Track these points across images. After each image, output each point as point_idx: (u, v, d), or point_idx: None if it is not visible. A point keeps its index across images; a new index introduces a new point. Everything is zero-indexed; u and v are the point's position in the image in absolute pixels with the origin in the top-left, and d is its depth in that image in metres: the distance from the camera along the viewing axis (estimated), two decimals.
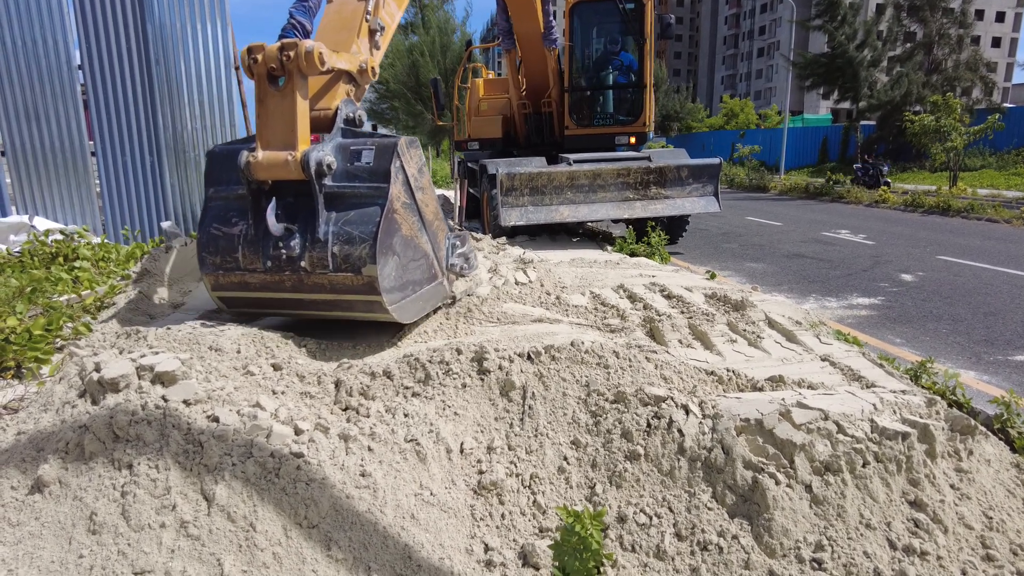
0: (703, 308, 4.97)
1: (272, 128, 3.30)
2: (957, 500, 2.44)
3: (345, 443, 2.30)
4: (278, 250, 3.33)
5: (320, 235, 3.29)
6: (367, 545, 2.09)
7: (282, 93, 3.27)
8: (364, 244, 3.22)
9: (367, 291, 3.32)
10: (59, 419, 2.46)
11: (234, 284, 3.57)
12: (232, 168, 3.42)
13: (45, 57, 6.40)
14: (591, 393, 2.75)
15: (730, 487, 2.33)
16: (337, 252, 3.27)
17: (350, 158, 3.37)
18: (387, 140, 3.41)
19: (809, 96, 54.83)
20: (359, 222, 3.27)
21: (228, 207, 3.52)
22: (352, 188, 3.33)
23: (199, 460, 2.17)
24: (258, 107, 3.33)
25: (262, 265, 3.40)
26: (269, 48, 3.23)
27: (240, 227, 3.44)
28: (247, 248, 3.42)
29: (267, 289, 3.53)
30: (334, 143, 3.43)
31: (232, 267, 3.49)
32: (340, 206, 3.34)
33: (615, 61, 9.45)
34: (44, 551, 2.07)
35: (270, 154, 3.25)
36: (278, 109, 3.28)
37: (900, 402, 2.76)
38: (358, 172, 3.34)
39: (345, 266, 3.28)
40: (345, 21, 4.04)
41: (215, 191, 3.57)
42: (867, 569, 2.12)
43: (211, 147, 3.62)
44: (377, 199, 3.29)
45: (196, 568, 1.98)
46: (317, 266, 3.32)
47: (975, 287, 7.13)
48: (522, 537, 2.31)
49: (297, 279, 3.40)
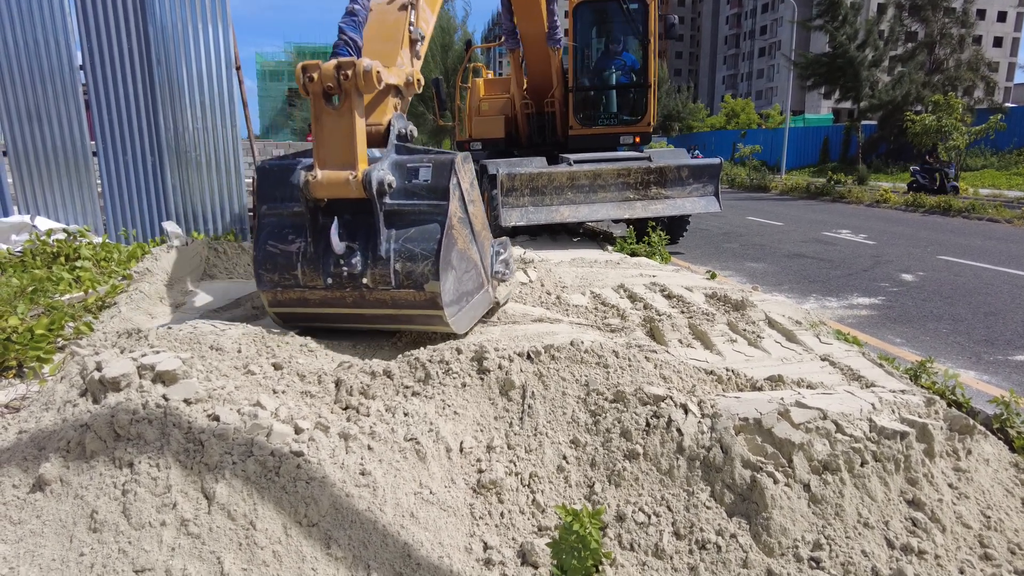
0: (703, 308, 4.97)
1: (330, 147, 3.30)
2: (955, 499, 2.45)
3: (345, 442, 2.31)
4: (339, 267, 3.36)
5: (381, 252, 3.33)
6: (367, 543, 2.10)
7: (339, 112, 3.28)
8: (426, 261, 3.28)
9: (429, 306, 3.37)
10: (60, 418, 2.47)
11: (293, 301, 3.58)
12: (283, 184, 3.48)
13: (47, 57, 6.42)
14: (590, 392, 2.75)
15: (728, 486, 2.34)
16: (399, 269, 3.32)
17: (407, 175, 3.40)
18: (444, 157, 3.44)
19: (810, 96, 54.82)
20: (420, 239, 3.32)
21: (283, 224, 3.53)
22: (412, 206, 3.37)
23: (200, 459, 2.18)
24: (314, 125, 3.33)
25: (322, 282, 3.41)
26: (325, 67, 3.21)
27: (298, 244, 3.45)
28: (306, 265, 3.43)
29: (327, 305, 3.54)
30: (390, 160, 3.43)
31: (291, 284, 3.50)
32: (399, 223, 3.38)
33: (618, 61, 9.47)
34: (45, 549, 2.08)
35: (330, 173, 3.26)
36: (335, 128, 3.28)
37: (899, 402, 2.76)
38: (416, 189, 3.38)
39: (408, 283, 3.33)
40: (388, 32, 4.03)
41: (268, 208, 3.58)
42: (865, 568, 2.13)
43: (259, 162, 3.61)
44: (436, 216, 3.34)
45: (196, 566, 1.99)
46: (379, 283, 3.36)
47: (976, 287, 7.13)
48: (521, 536, 2.32)
49: (358, 295, 3.43)
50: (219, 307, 4.62)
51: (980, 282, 7.39)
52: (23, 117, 6.48)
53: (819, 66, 24.52)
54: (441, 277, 3.28)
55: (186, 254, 5.33)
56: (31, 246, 5.52)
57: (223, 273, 5.63)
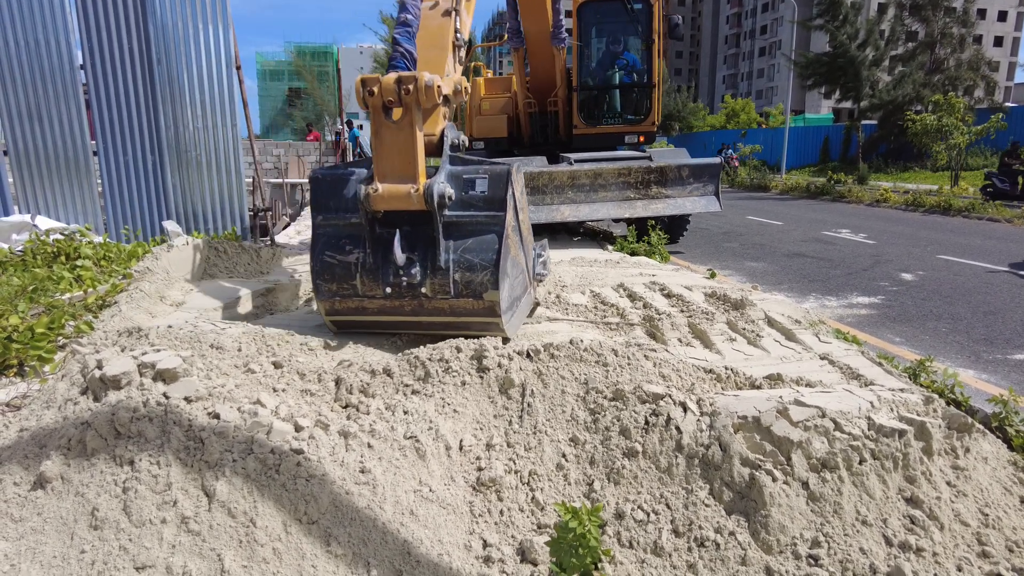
0: (703, 307, 4.98)
1: (390, 160, 3.36)
2: (953, 497, 2.45)
3: (345, 440, 2.32)
4: (398, 277, 3.42)
5: (441, 263, 3.40)
6: (366, 541, 2.11)
7: (399, 126, 3.31)
8: (485, 271, 3.38)
9: (487, 314, 3.48)
10: (61, 416, 2.48)
11: (350, 309, 3.65)
12: (337, 195, 3.53)
13: (47, 57, 6.44)
14: (590, 391, 2.76)
15: (727, 484, 2.35)
16: (458, 279, 3.41)
17: (464, 187, 3.46)
18: (499, 168, 3.49)
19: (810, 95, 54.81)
20: (478, 250, 3.42)
21: (339, 234, 3.57)
22: (470, 217, 3.44)
23: (200, 456, 2.19)
24: (373, 138, 3.38)
25: (381, 292, 3.49)
26: (385, 81, 3.24)
27: (356, 255, 3.51)
28: (365, 276, 3.49)
29: (384, 314, 3.62)
30: (446, 171, 3.48)
31: (349, 294, 3.56)
32: (456, 234, 3.45)
33: (622, 60, 9.48)
34: (46, 546, 2.08)
35: (391, 187, 3.31)
36: (395, 141, 3.34)
37: (897, 400, 2.77)
38: (473, 201, 3.44)
39: (466, 292, 3.42)
40: (434, 39, 4.04)
41: (324, 219, 3.60)
42: (863, 565, 2.14)
43: (312, 172, 3.67)
44: (493, 227, 3.42)
45: (197, 563, 2.00)
46: (438, 292, 3.45)
47: (975, 286, 7.13)
48: (520, 533, 2.33)
49: (417, 304, 3.52)
50: (218, 307, 4.63)
51: (980, 281, 7.39)
52: (23, 116, 6.50)
53: (819, 66, 24.50)
54: (499, 286, 3.36)
55: (186, 253, 5.34)
56: (32, 245, 5.53)
57: (223, 272, 5.63)
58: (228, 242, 5.88)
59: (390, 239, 3.40)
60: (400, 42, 3.61)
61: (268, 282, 5.25)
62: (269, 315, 4.67)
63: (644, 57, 9.38)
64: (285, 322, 4.31)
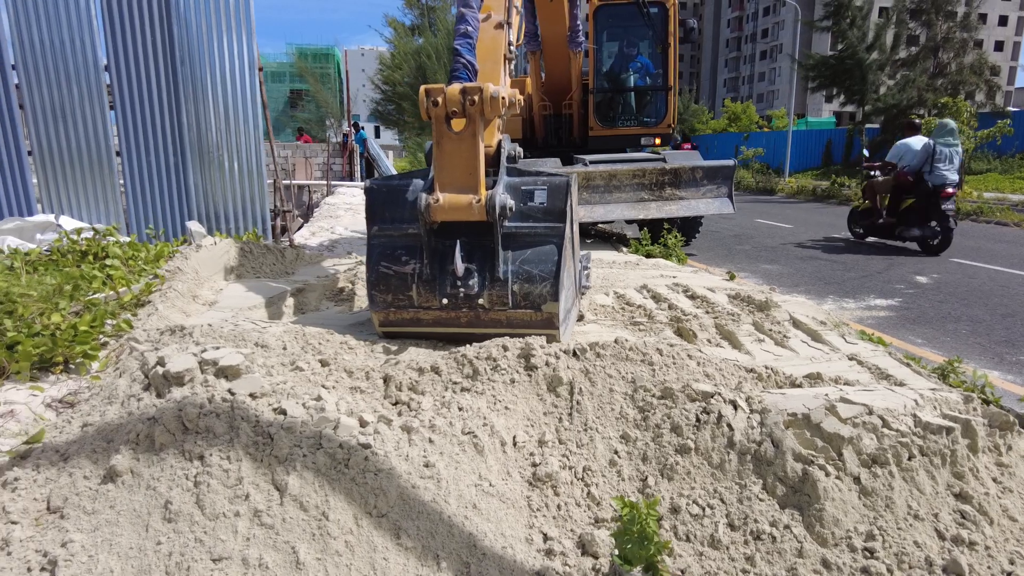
0: (728, 308, 5.03)
1: (451, 171, 3.36)
2: (1000, 493, 2.50)
3: (408, 435, 2.37)
4: (456, 288, 3.43)
5: (499, 274, 3.40)
6: (434, 534, 2.16)
7: (460, 137, 3.32)
8: (545, 283, 3.38)
9: (546, 326, 3.47)
10: (126, 412, 2.53)
11: (405, 320, 3.63)
12: (392, 205, 3.55)
13: (72, 57, 6.49)
14: (638, 389, 2.81)
15: (780, 479, 2.40)
16: (517, 290, 3.41)
17: (523, 198, 3.47)
18: (558, 180, 3.51)
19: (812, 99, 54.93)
20: (537, 261, 3.42)
21: (394, 245, 3.57)
22: (529, 228, 3.45)
23: (269, 451, 2.24)
24: (435, 149, 3.38)
25: (438, 303, 3.48)
26: (450, 92, 3.25)
27: (412, 266, 3.50)
28: (422, 287, 3.49)
29: (440, 325, 3.61)
30: (504, 183, 3.48)
31: (405, 305, 3.55)
32: (515, 245, 3.46)
33: (637, 64, 9.56)
34: (122, 538, 2.13)
35: (452, 198, 3.33)
36: (457, 152, 3.34)
37: (939, 398, 2.82)
38: (531, 212, 3.46)
39: (525, 303, 3.42)
40: (488, 51, 4.04)
41: (379, 229, 3.61)
42: (919, 558, 2.19)
43: (368, 182, 3.70)
44: (552, 238, 3.43)
45: (272, 556, 2.04)
46: (496, 303, 3.44)
47: (991, 289, 7.20)
48: (579, 527, 2.38)
49: (474, 315, 3.51)
50: (252, 306, 4.68)
51: (995, 284, 7.45)
52: (48, 117, 6.55)
53: (825, 68, 24.59)
54: (558, 297, 3.38)
55: (215, 253, 5.39)
56: (60, 245, 5.58)
57: (250, 273, 5.69)
58: (254, 243, 5.93)
59: (447, 250, 3.43)
60: (462, 53, 3.61)
61: (297, 282, 5.31)
62: (301, 314, 4.72)
63: (660, 60, 9.45)
64: (319, 321, 4.36)
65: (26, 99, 6.45)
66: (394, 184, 3.60)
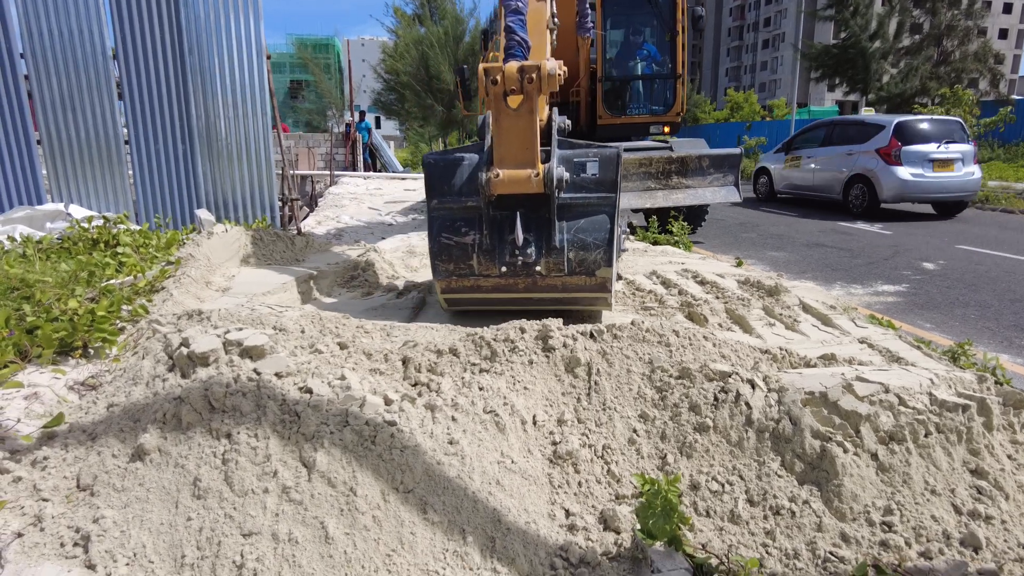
0: (737, 293, 5.06)
1: (509, 146, 3.49)
2: (1015, 469, 2.54)
3: (432, 413, 2.40)
4: (514, 257, 3.61)
5: (556, 243, 3.59)
6: (459, 509, 2.19)
7: (518, 113, 3.43)
8: (599, 250, 3.58)
9: (599, 290, 3.70)
10: (151, 392, 2.56)
11: (466, 288, 3.83)
12: (452, 180, 3.69)
13: (80, 46, 6.49)
14: (655, 370, 2.84)
15: (799, 456, 2.43)
16: (573, 257, 3.60)
17: (575, 170, 3.60)
18: (609, 152, 3.63)
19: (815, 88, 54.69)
20: (591, 230, 3.60)
21: (454, 217, 3.72)
22: (582, 198, 3.61)
23: (297, 429, 2.27)
24: (493, 126, 3.51)
25: (497, 271, 3.68)
26: (508, 70, 3.34)
27: (472, 236, 3.67)
28: (482, 256, 3.67)
29: (499, 291, 3.82)
30: (557, 156, 3.59)
31: (466, 273, 3.74)
32: (569, 215, 3.63)
33: (644, 51, 9.53)
34: (152, 514, 2.17)
35: (512, 173, 3.46)
36: (514, 128, 3.46)
37: (953, 377, 2.85)
38: (584, 183, 3.60)
39: (580, 269, 3.62)
40: (533, 24, 4.07)
41: (439, 202, 3.73)
42: (936, 532, 2.22)
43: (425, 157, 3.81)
44: (604, 207, 3.61)
45: (301, 531, 2.08)
46: (553, 270, 3.64)
47: (998, 275, 7.21)
48: (600, 503, 2.41)
49: (531, 282, 3.71)
50: (265, 292, 4.71)
51: (1002, 270, 7.47)
52: (57, 106, 6.56)
53: (828, 57, 24.48)
54: (612, 263, 3.59)
55: (226, 240, 5.42)
56: (71, 232, 5.61)
57: (261, 260, 5.71)
58: (264, 230, 5.95)
59: (504, 221, 3.61)
60: (515, 31, 3.67)
61: (308, 269, 5.33)
62: (314, 300, 4.75)
63: (669, 48, 9.41)
64: (333, 306, 4.39)
65: (35, 88, 6.45)
66: (451, 159, 3.71)
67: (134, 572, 1.98)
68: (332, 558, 2.00)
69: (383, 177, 16.42)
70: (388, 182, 15.04)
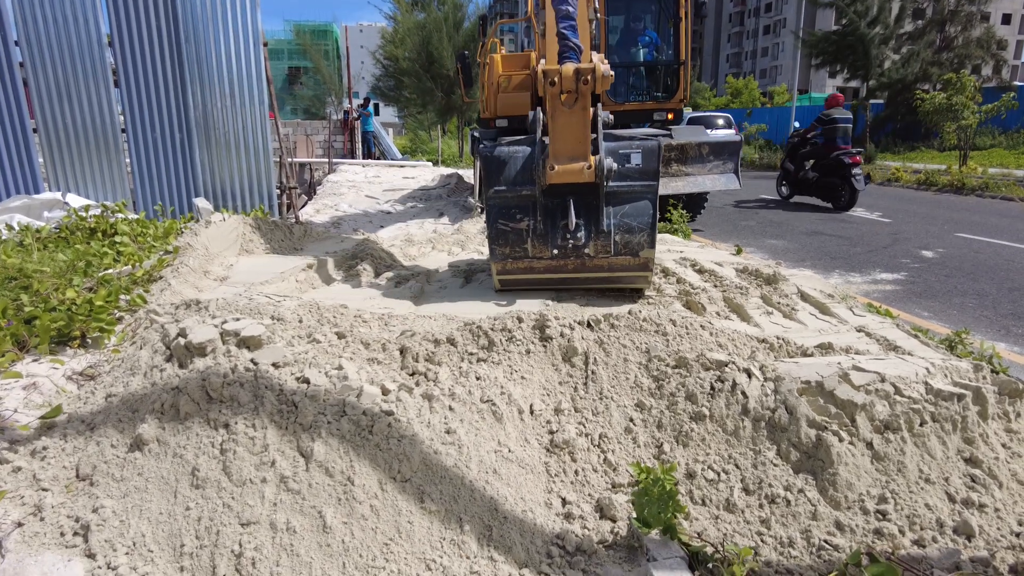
0: (736, 282, 5.05)
1: (564, 141, 3.81)
2: (1009, 458, 2.55)
3: (429, 403, 2.41)
4: (565, 240, 3.93)
5: (604, 227, 3.90)
6: (456, 498, 2.21)
7: (572, 111, 3.76)
8: (643, 233, 3.91)
9: (641, 269, 4.08)
10: (149, 382, 2.57)
11: (520, 269, 4.15)
12: (507, 171, 4.00)
13: (75, 33, 6.44)
14: (652, 359, 2.85)
15: (794, 445, 2.44)
16: (619, 240, 3.93)
17: (620, 160, 3.88)
18: (651, 143, 3.92)
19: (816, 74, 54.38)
20: (635, 215, 3.93)
21: (509, 205, 4.03)
22: (627, 187, 3.91)
23: (294, 419, 2.28)
24: (550, 122, 3.84)
25: (550, 253, 4.00)
26: (565, 72, 3.68)
27: (526, 222, 3.99)
28: (536, 240, 3.99)
29: (550, 272, 4.14)
30: (604, 148, 3.87)
31: (520, 256, 4.07)
32: (615, 202, 3.94)
33: (646, 38, 9.44)
34: (151, 504, 2.18)
35: (567, 166, 3.78)
36: (569, 124, 3.79)
37: (949, 367, 2.86)
38: (628, 172, 3.89)
39: (625, 251, 3.96)
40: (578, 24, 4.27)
41: (495, 192, 4.01)
42: (930, 520, 2.24)
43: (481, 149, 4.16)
44: (647, 194, 3.92)
45: (299, 520, 2.09)
46: (600, 252, 3.97)
47: (997, 264, 7.21)
48: (596, 492, 2.43)
49: (579, 263, 4.04)
50: (263, 281, 4.70)
51: (1001, 259, 7.47)
52: (53, 94, 6.52)
53: (828, 44, 24.30)
54: (654, 245, 3.93)
55: (225, 229, 5.41)
56: (69, 222, 5.59)
57: (259, 249, 5.70)
58: (262, 219, 5.94)
59: (556, 208, 3.95)
60: (569, 37, 3.99)
61: (307, 258, 5.32)
62: (312, 289, 4.75)
63: (672, 34, 9.32)
64: (332, 296, 4.39)
65: (30, 76, 6.41)
66: (505, 151, 4.01)
67: (134, 561, 1.99)
68: (330, 547, 2.02)
69: (382, 165, 16.36)
70: (387, 170, 14.99)
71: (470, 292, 4.49)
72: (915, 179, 15.98)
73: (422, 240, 7.00)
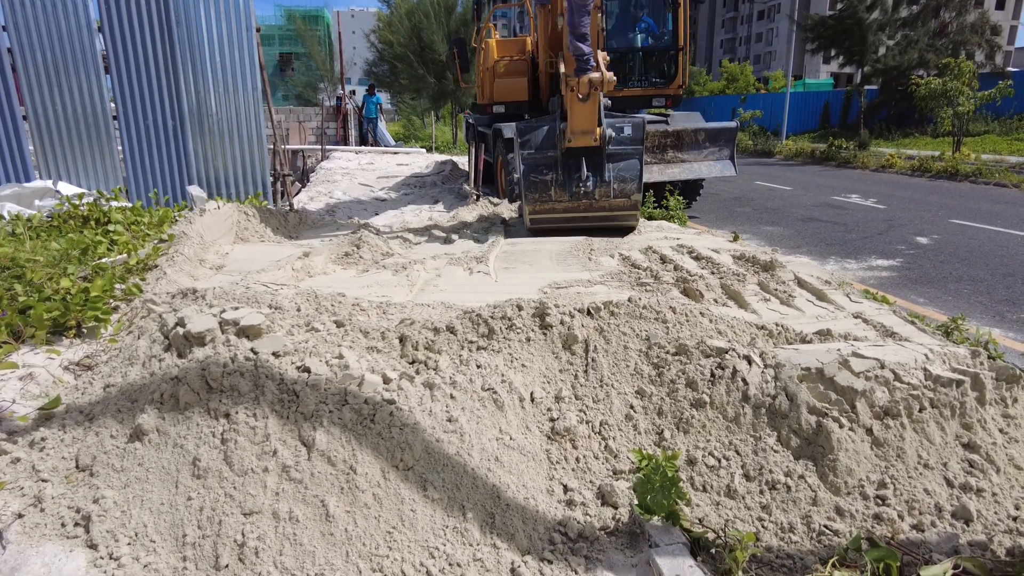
0: (733, 268, 5.05)
1: (579, 122, 5.67)
2: (1006, 443, 2.57)
3: (430, 391, 2.40)
4: (578, 188, 5.83)
5: (606, 178, 5.86)
6: (459, 486, 2.21)
7: (585, 104, 5.59)
8: (632, 182, 5.90)
9: (632, 208, 6.04)
10: (148, 372, 2.55)
11: (545, 210, 6.04)
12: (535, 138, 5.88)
13: (64, 18, 6.33)
14: (652, 346, 2.85)
15: (795, 431, 2.45)
16: (616, 187, 5.89)
17: (616, 131, 5.84)
18: (637, 119, 6.01)
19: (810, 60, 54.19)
20: (627, 169, 5.91)
21: (537, 163, 5.90)
22: (622, 150, 5.91)
23: (295, 408, 2.27)
24: (569, 110, 5.68)
25: (567, 197, 5.91)
26: (582, 82, 5.45)
27: (550, 175, 5.88)
28: (557, 188, 5.91)
29: (567, 212, 6.01)
30: (605, 123, 5.77)
31: (546, 200, 5.97)
32: (613, 160, 5.89)
33: (644, 24, 9.36)
34: (152, 494, 2.18)
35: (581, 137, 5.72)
36: (582, 111, 5.62)
37: (947, 353, 2.87)
38: (622, 139, 5.88)
39: (621, 195, 5.91)
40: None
41: (527, 154, 5.90)
42: (929, 504, 2.26)
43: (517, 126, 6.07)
44: (635, 155, 5.93)
45: (302, 509, 2.09)
46: (603, 196, 5.90)
47: (991, 250, 7.24)
48: (598, 479, 2.43)
49: (588, 204, 5.96)
50: (259, 269, 4.67)
51: (995, 245, 7.50)
52: (43, 81, 6.43)
53: (825, 28, 24.17)
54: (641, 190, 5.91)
55: (219, 217, 5.36)
56: (61, 210, 5.53)
57: (254, 236, 5.66)
58: (257, 207, 5.89)
59: (571, 165, 5.83)
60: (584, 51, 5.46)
61: (303, 245, 5.29)
62: (309, 277, 4.72)
63: (670, 20, 9.25)
64: (329, 284, 4.37)
65: (19, 62, 6.31)
66: (535, 125, 5.99)
67: (136, 551, 1.99)
68: (333, 536, 2.02)
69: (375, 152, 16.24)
70: (380, 156, 14.89)
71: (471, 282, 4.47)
72: (909, 165, 16.00)
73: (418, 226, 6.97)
